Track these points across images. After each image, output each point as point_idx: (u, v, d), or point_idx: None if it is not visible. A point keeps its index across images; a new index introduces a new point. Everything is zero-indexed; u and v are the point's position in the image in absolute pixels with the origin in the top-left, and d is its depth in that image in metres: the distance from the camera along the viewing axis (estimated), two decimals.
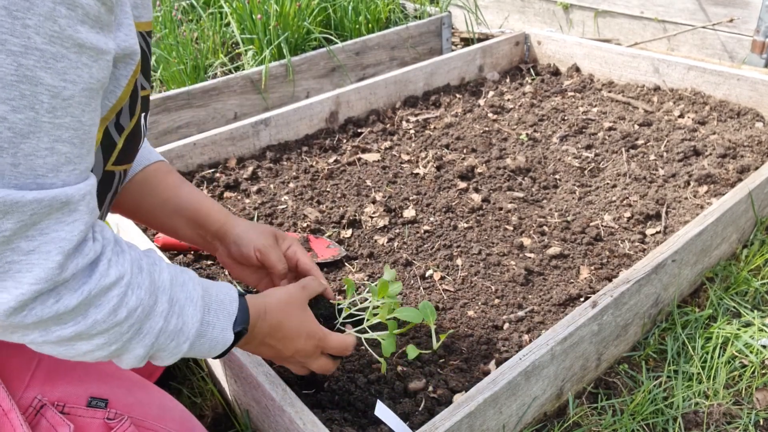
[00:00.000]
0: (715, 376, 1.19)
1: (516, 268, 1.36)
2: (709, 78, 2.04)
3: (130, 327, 0.69)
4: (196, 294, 0.77)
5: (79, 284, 0.63)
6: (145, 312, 0.70)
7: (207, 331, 0.78)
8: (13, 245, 0.57)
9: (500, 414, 0.99)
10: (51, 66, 0.55)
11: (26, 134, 0.55)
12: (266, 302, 0.88)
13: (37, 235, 0.59)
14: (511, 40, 2.46)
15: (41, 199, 0.57)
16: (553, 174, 1.73)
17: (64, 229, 0.60)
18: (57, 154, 0.58)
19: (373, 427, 1.00)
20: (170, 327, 0.73)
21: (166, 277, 0.74)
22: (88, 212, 0.63)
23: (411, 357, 1.05)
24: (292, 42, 2.43)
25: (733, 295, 1.38)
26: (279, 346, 0.90)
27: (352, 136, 1.98)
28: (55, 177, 0.59)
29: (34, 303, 0.60)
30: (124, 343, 0.70)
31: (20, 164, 0.56)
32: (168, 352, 0.75)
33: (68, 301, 0.62)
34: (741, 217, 1.44)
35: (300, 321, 0.91)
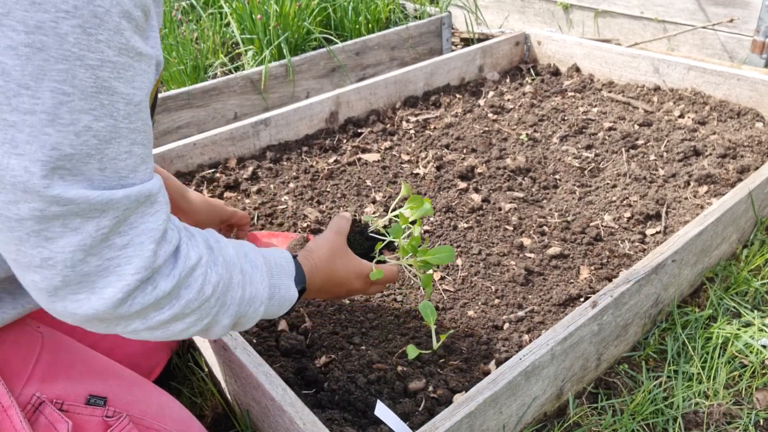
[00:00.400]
0: (715, 376, 1.19)
1: (516, 268, 1.36)
2: (709, 78, 2.04)
3: (216, 301, 0.75)
4: (259, 261, 0.84)
5: (169, 269, 0.69)
6: (225, 285, 0.76)
7: (275, 293, 0.86)
8: (109, 242, 0.63)
9: (500, 414, 0.99)
10: (122, 75, 0.60)
11: (109, 140, 0.60)
12: (314, 258, 0.98)
13: (128, 230, 0.64)
14: (511, 40, 2.46)
15: (129, 194, 0.63)
16: (553, 174, 1.73)
17: (149, 220, 0.66)
18: (134, 156, 0.64)
19: (373, 427, 1.00)
20: (247, 295, 0.80)
21: (232, 252, 0.81)
22: (165, 203, 0.69)
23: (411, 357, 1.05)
24: (292, 42, 2.43)
25: (733, 295, 1.38)
26: (334, 290, 1.01)
27: (352, 136, 1.98)
28: (134, 177, 0.64)
29: (136, 292, 0.65)
30: (213, 317, 0.76)
31: (106, 168, 0.61)
32: (248, 317, 0.82)
33: (164, 286, 0.68)
34: (741, 217, 1.44)
35: (346, 267, 1.02)
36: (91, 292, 0.63)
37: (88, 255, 0.62)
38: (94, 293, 0.63)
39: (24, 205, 0.58)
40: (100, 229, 0.61)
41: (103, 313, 0.64)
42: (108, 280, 0.63)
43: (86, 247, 0.61)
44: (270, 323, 1.24)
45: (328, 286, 1.00)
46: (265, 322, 1.25)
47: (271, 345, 1.18)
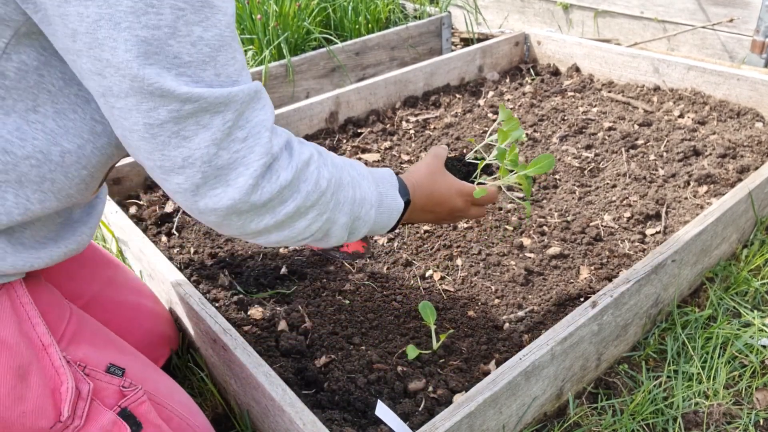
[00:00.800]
0: (715, 376, 1.19)
1: (516, 268, 1.36)
2: (709, 78, 2.04)
3: (332, 195, 0.81)
4: (364, 171, 0.91)
5: (286, 161, 0.75)
6: (337, 183, 0.83)
7: (383, 201, 0.92)
8: (233, 136, 0.69)
9: (500, 414, 0.99)
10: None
11: (218, 48, 0.67)
12: (415, 177, 1.03)
13: (245, 124, 0.70)
14: (511, 40, 2.46)
15: (244, 89, 0.69)
16: (553, 174, 1.73)
17: (260, 113, 0.72)
18: (238, 62, 0.70)
19: (373, 427, 1.00)
20: (357, 196, 0.86)
21: (339, 159, 0.87)
22: (268, 99, 0.76)
23: (411, 357, 1.05)
24: (291, 42, 2.43)
25: (733, 295, 1.38)
26: (437, 209, 1.05)
27: (352, 136, 1.98)
28: (242, 79, 0.71)
29: (262, 180, 0.72)
30: (331, 212, 0.82)
31: (221, 73, 0.68)
32: (362, 221, 0.88)
33: (285, 176, 0.74)
34: (741, 217, 1.44)
35: (447, 184, 1.06)
36: (226, 185, 0.71)
37: (219, 149, 0.69)
38: (229, 185, 0.71)
39: (163, 109, 0.65)
40: (226, 122, 0.68)
41: (239, 203, 0.71)
42: (238, 171, 0.70)
43: (217, 141, 0.68)
44: (270, 323, 1.24)
45: (431, 204, 1.04)
46: (265, 322, 1.25)
47: (271, 345, 1.18)
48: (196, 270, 1.41)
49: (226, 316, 1.25)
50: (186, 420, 0.98)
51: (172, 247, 1.50)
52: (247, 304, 1.30)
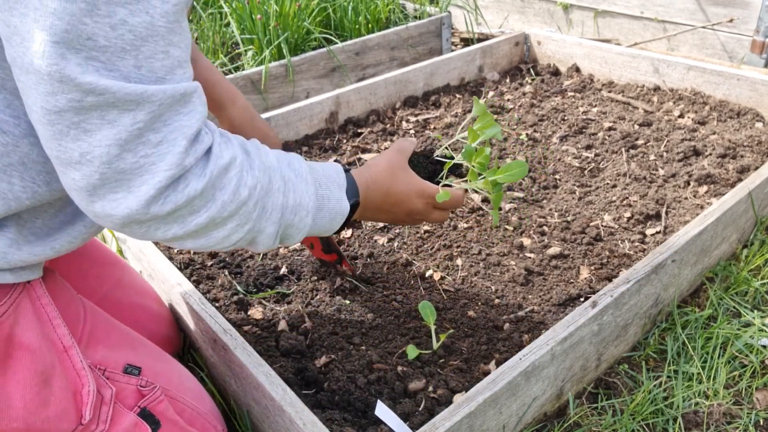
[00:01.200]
0: (715, 376, 1.19)
1: (516, 268, 1.36)
2: (709, 78, 2.03)
3: (255, 204, 0.74)
4: (303, 170, 0.82)
5: (201, 169, 0.68)
6: (264, 189, 0.75)
7: (324, 204, 0.83)
8: (144, 138, 0.62)
9: (500, 414, 0.99)
10: None
11: (145, 37, 0.60)
12: (371, 173, 0.93)
13: (162, 127, 0.63)
14: (511, 41, 2.46)
15: (165, 90, 0.62)
16: (553, 174, 1.73)
17: (183, 119, 0.65)
18: (171, 58, 0.63)
19: (373, 427, 1.00)
20: (290, 202, 0.78)
21: (273, 159, 0.79)
22: (201, 104, 0.68)
23: (411, 357, 1.05)
24: (292, 42, 2.43)
25: (733, 295, 1.38)
26: (394, 210, 0.96)
27: (352, 136, 1.98)
28: (171, 78, 0.64)
29: (167, 190, 0.66)
30: (254, 222, 0.75)
31: (142, 66, 0.61)
32: (295, 228, 0.80)
33: (196, 185, 0.67)
34: (741, 217, 1.44)
35: (406, 183, 0.96)
36: (128, 191, 0.64)
37: (123, 150, 0.62)
38: (131, 192, 0.64)
39: (62, 96, 0.58)
40: (136, 123, 0.61)
41: (137, 213, 0.65)
42: (143, 179, 0.64)
43: (122, 142, 0.61)
44: (270, 323, 1.24)
45: (386, 204, 0.95)
46: (265, 322, 1.25)
47: (271, 345, 1.18)
48: (196, 270, 1.41)
49: (226, 316, 1.25)
50: (196, 409, 0.99)
51: (172, 247, 1.50)
52: (247, 304, 1.30)
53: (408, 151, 1.01)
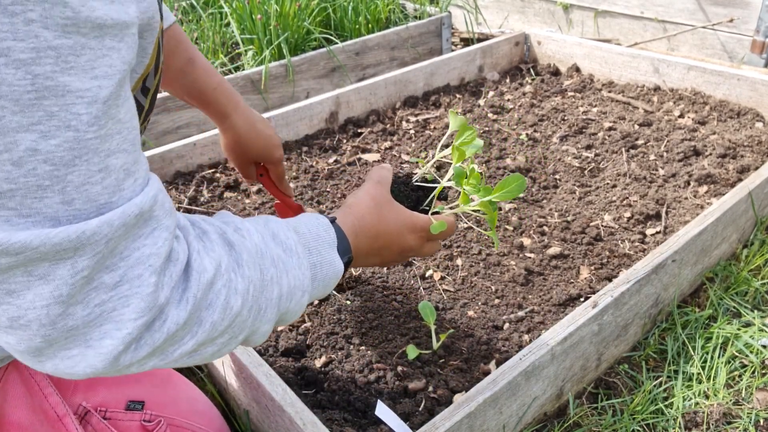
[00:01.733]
0: (715, 376, 1.19)
1: (516, 268, 1.36)
2: (709, 78, 2.03)
3: (250, 310, 0.61)
4: (291, 242, 0.69)
5: (180, 294, 0.54)
6: (257, 288, 0.62)
7: (317, 273, 0.71)
8: (95, 284, 0.48)
9: (500, 414, 0.99)
10: (73, 65, 0.43)
11: (70, 162, 0.44)
12: (356, 216, 0.82)
13: (119, 262, 0.49)
14: (511, 40, 2.46)
15: (110, 221, 0.47)
16: (553, 174, 1.73)
17: (145, 244, 0.51)
18: (114, 172, 0.48)
19: (373, 427, 1.00)
20: (284, 289, 0.66)
21: (258, 240, 0.65)
22: (166, 215, 0.53)
23: (411, 357, 1.05)
24: (292, 42, 2.43)
25: (733, 295, 1.38)
26: (384, 253, 0.86)
27: (352, 136, 1.98)
28: (119, 198, 0.48)
29: (141, 333, 0.52)
30: (249, 329, 0.62)
31: (74, 199, 0.45)
32: (291, 313, 0.69)
33: (176, 317, 0.53)
34: (741, 217, 1.44)
35: (395, 220, 0.86)
36: (85, 346, 0.50)
37: (69, 306, 0.47)
38: (90, 347, 0.50)
39: None
40: (78, 273, 0.46)
41: (103, 370, 0.51)
42: (103, 329, 0.50)
43: (63, 298, 0.46)
44: None
45: (378, 247, 0.83)
46: None
47: (271, 345, 1.18)
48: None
49: None
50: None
51: None
52: None
53: (388, 181, 0.91)
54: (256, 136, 1.18)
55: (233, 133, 1.17)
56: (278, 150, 1.21)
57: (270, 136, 1.20)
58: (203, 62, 1.11)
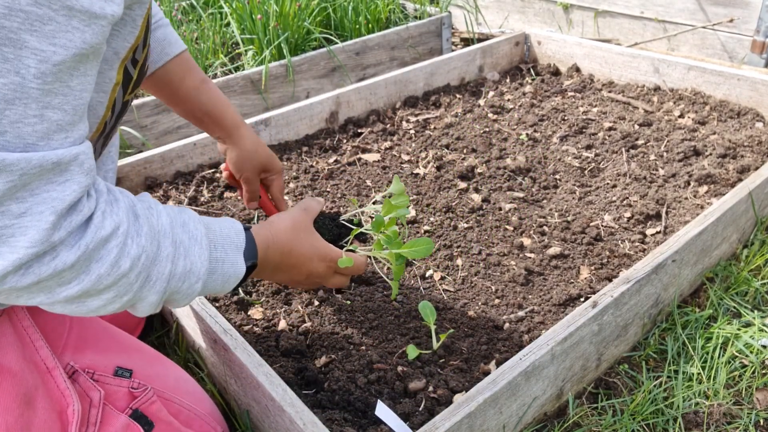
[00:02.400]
0: (715, 376, 1.19)
1: (516, 268, 1.36)
2: (709, 78, 2.03)
3: (138, 276, 0.68)
4: (198, 233, 0.76)
5: (75, 240, 0.61)
6: (150, 258, 0.69)
7: (217, 267, 0.78)
8: (3, 208, 0.56)
9: (500, 414, 0.99)
10: (37, 29, 0.52)
11: (11, 100, 0.53)
12: (272, 231, 0.89)
13: (28, 197, 0.57)
14: (511, 40, 2.46)
15: (29, 158, 0.55)
16: (553, 174, 1.73)
17: (55, 189, 0.58)
18: (47, 122, 0.56)
19: (373, 427, 1.00)
20: (179, 269, 0.72)
21: (165, 221, 0.73)
22: (83, 173, 0.61)
23: (411, 357, 1.05)
24: (292, 42, 2.43)
25: (733, 295, 1.38)
26: (292, 272, 0.92)
27: (352, 136, 1.98)
28: (45, 145, 0.57)
29: (31, 262, 0.59)
30: (135, 293, 0.69)
31: (6, 131, 0.54)
32: (182, 294, 0.75)
33: (66, 258, 0.60)
34: (741, 217, 1.44)
35: (309, 245, 0.93)
36: None
37: None
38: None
39: None
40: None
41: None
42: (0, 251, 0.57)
43: None
44: (270, 323, 1.24)
45: (286, 265, 0.91)
46: (265, 322, 1.25)
47: (271, 345, 1.18)
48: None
49: (226, 316, 1.25)
50: (194, 410, 0.99)
51: None
52: (247, 304, 1.30)
53: (314, 211, 0.99)
54: (262, 146, 1.28)
55: (244, 143, 1.24)
56: (278, 160, 1.32)
57: (272, 158, 1.31)
58: (210, 89, 1.22)
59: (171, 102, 1.20)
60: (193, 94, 1.18)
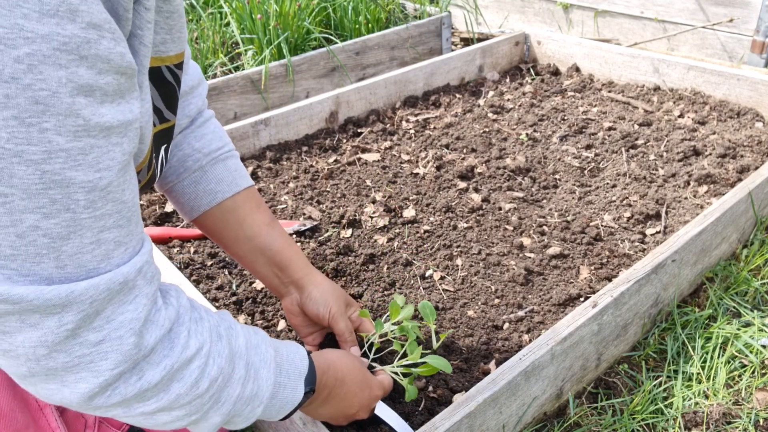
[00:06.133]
0: (714, 376, 1.19)
1: (516, 268, 1.36)
2: (709, 78, 2.03)
3: (211, 397, 0.67)
4: (269, 356, 0.76)
5: (160, 357, 0.61)
6: (225, 380, 0.68)
7: (278, 392, 0.77)
8: (80, 339, 0.55)
9: (500, 414, 0.99)
10: (81, 162, 0.51)
11: (65, 236, 0.52)
12: (327, 357, 0.88)
13: (103, 325, 0.56)
14: (511, 40, 2.46)
15: (97, 285, 0.54)
16: (553, 174, 1.73)
17: (128, 309, 0.58)
18: (105, 243, 0.55)
19: (373, 427, 1.00)
20: (246, 392, 0.72)
21: (242, 342, 0.73)
22: (147, 282, 0.61)
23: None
24: (292, 42, 2.43)
25: (733, 295, 1.38)
26: (342, 404, 0.89)
27: (352, 136, 1.98)
28: (107, 264, 0.56)
29: (117, 382, 0.59)
30: (203, 413, 0.68)
31: (67, 265, 0.53)
32: (242, 417, 0.73)
33: (151, 377, 0.60)
34: (741, 217, 1.44)
35: (363, 373, 0.92)
36: (62, 385, 0.57)
37: (53, 351, 0.55)
38: (66, 386, 0.57)
39: None
40: (64, 325, 0.54)
41: (77, 406, 0.59)
42: (80, 376, 0.57)
43: (49, 344, 0.54)
44: (269, 323, 1.24)
45: (339, 394, 0.88)
46: (265, 322, 1.25)
47: None
48: (195, 270, 1.41)
49: None
50: None
51: (171, 247, 1.50)
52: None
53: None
54: (336, 287, 1.11)
55: (320, 280, 1.08)
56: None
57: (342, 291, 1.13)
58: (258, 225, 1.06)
59: (236, 240, 1.03)
60: (264, 230, 1.04)
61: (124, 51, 0.53)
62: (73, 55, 0.48)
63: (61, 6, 0.46)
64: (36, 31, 0.46)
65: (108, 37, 0.50)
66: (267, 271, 1.05)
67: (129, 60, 0.54)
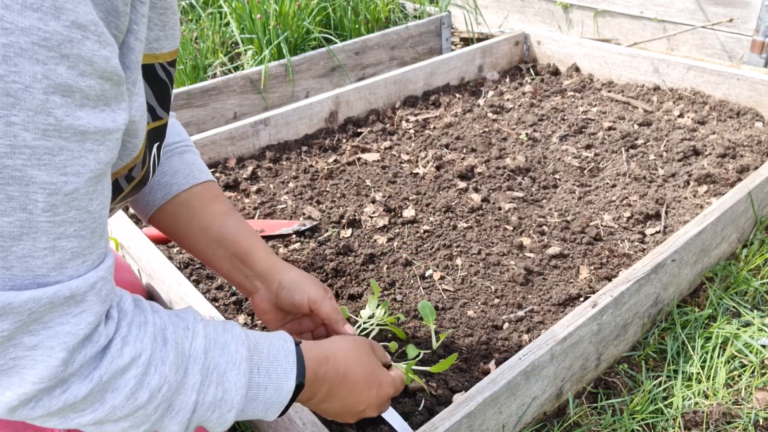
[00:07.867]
0: (714, 376, 1.19)
1: (516, 267, 1.36)
2: (708, 78, 2.03)
3: (157, 407, 0.63)
4: (239, 356, 0.69)
5: (88, 371, 0.58)
6: (172, 389, 0.63)
7: (258, 394, 0.71)
8: (15, 341, 0.53)
9: (500, 414, 0.99)
10: (46, 162, 0.49)
11: (17, 236, 0.50)
12: (328, 348, 0.80)
13: (41, 329, 0.54)
14: (511, 40, 2.46)
15: (38, 297, 0.52)
16: (553, 174, 1.73)
17: (69, 321, 0.55)
18: (60, 252, 0.53)
19: (373, 427, 1.00)
20: (208, 399, 0.66)
21: (200, 344, 0.67)
22: (99, 301, 0.58)
23: (411, 357, 1.05)
24: (291, 42, 2.43)
25: (733, 294, 1.38)
26: (348, 400, 0.82)
27: (352, 135, 1.97)
28: (59, 274, 0.54)
29: (40, 395, 0.56)
30: (153, 423, 0.64)
31: (13, 267, 0.51)
32: (212, 423, 0.69)
33: (77, 391, 0.57)
34: (741, 216, 1.44)
35: (373, 368, 0.84)
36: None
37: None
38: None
39: None
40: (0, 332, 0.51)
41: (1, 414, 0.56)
42: (10, 381, 0.54)
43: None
44: None
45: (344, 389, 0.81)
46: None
47: None
48: (195, 270, 1.41)
49: (225, 316, 1.25)
50: None
51: (171, 247, 1.50)
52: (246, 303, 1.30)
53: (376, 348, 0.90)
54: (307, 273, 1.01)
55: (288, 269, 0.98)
56: None
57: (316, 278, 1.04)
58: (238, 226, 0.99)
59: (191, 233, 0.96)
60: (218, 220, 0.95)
61: (109, 55, 0.51)
62: (54, 52, 0.47)
63: (46, 1, 0.46)
64: (15, 23, 0.45)
65: (93, 38, 0.49)
66: (228, 266, 0.96)
67: (115, 65, 0.52)
